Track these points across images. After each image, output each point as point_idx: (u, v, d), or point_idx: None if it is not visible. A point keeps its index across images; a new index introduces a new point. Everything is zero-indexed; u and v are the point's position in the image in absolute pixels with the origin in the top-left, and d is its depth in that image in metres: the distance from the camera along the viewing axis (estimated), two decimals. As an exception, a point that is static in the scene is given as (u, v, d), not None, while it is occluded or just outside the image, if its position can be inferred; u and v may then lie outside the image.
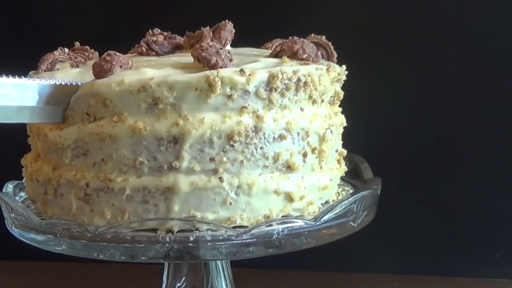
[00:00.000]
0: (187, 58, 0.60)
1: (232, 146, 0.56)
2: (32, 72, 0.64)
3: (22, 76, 0.56)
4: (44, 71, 0.63)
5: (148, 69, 0.57)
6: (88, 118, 0.57)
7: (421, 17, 0.90)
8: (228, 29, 0.64)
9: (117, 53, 0.58)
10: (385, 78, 0.91)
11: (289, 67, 0.58)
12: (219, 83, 0.55)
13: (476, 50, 0.90)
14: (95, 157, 0.57)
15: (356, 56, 0.70)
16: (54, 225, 0.57)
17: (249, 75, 0.56)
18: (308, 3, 0.91)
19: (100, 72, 0.57)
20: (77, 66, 0.65)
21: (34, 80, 0.57)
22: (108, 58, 0.57)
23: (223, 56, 0.56)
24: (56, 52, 0.65)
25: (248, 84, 0.56)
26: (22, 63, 0.64)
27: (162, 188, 0.56)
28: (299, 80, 0.58)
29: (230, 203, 0.56)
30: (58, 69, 0.64)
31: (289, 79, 0.57)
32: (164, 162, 0.56)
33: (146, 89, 0.55)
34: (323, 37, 0.66)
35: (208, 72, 0.55)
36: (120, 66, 0.57)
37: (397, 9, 0.90)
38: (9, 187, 0.67)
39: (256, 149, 0.57)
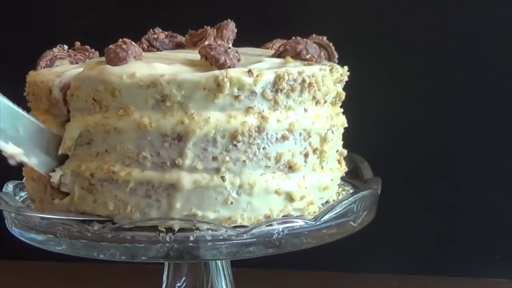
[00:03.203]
0: (192, 55, 0.60)
1: (235, 145, 0.56)
2: (31, 71, 0.64)
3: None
4: (43, 67, 0.63)
5: (159, 64, 0.56)
6: (93, 104, 0.57)
7: (421, 17, 0.90)
8: (230, 28, 0.65)
9: (132, 42, 0.58)
10: (385, 78, 0.91)
11: (294, 68, 0.58)
12: (228, 83, 0.55)
13: (476, 50, 0.90)
14: (98, 147, 0.57)
15: (356, 56, 0.69)
16: (54, 224, 0.57)
17: (257, 76, 0.56)
18: (309, 3, 0.91)
19: (114, 59, 0.56)
20: (77, 63, 0.65)
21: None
22: (124, 46, 0.57)
23: (231, 55, 0.56)
24: (55, 49, 0.65)
25: (255, 85, 0.56)
26: (22, 63, 0.64)
27: (166, 184, 0.56)
28: (303, 81, 0.58)
29: (231, 203, 0.56)
30: (57, 66, 0.64)
31: (294, 80, 0.57)
32: (167, 159, 0.55)
33: (156, 85, 0.55)
34: (324, 38, 0.66)
35: (217, 72, 0.55)
36: (134, 57, 0.57)
37: (397, 9, 0.91)
38: (9, 187, 0.67)
39: (259, 149, 0.56)
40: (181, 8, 0.93)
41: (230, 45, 0.64)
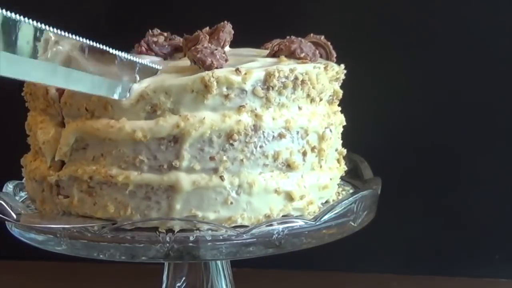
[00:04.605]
0: (183, 62, 0.61)
1: (232, 145, 0.56)
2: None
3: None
4: None
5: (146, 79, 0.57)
6: (86, 114, 0.57)
7: (420, 16, 0.90)
8: (227, 30, 0.64)
9: None
10: (385, 77, 0.91)
11: (286, 65, 0.58)
12: (215, 83, 0.55)
13: (476, 50, 0.90)
14: (94, 151, 0.57)
15: (355, 55, 0.69)
16: (54, 224, 0.57)
17: (245, 74, 0.56)
18: (308, 3, 0.91)
19: None
20: None
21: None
22: None
23: (218, 56, 0.56)
24: None
25: (245, 83, 0.56)
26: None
27: (165, 186, 0.56)
28: (296, 78, 0.58)
29: (231, 203, 0.56)
30: None
31: (286, 77, 0.57)
32: (164, 161, 0.56)
33: (144, 97, 0.55)
34: (322, 37, 0.66)
35: (203, 73, 0.55)
36: None
37: (397, 8, 0.91)
38: (9, 187, 0.67)
39: (256, 148, 0.57)
40: (180, 9, 0.93)
41: (227, 47, 0.64)
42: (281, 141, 0.58)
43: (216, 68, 0.55)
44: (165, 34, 0.69)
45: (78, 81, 0.51)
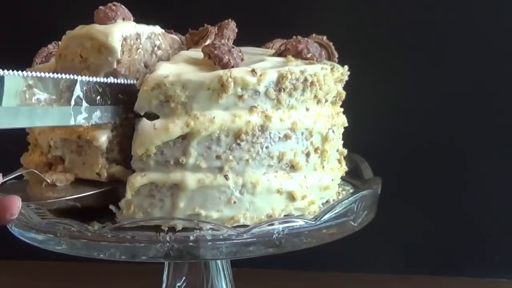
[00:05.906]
0: (195, 53, 0.61)
1: (239, 144, 0.56)
2: (27, 69, 0.64)
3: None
4: (39, 64, 0.64)
5: (164, 63, 0.57)
6: (80, 60, 0.57)
7: (421, 17, 0.90)
8: (231, 27, 0.65)
9: (122, 6, 0.60)
10: (385, 78, 0.91)
11: (296, 67, 0.58)
12: (232, 83, 0.55)
13: (476, 50, 0.90)
14: None
15: (356, 56, 0.69)
16: (55, 224, 0.57)
17: (260, 75, 0.56)
18: (309, 3, 0.91)
19: (103, 18, 0.58)
20: None
21: None
22: (114, 7, 0.59)
23: (235, 55, 0.56)
24: (50, 46, 0.65)
25: (259, 85, 0.56)
26: (21, 61, 0.64)
27: (170, 184, 0.56)
28: (306, 80, 0.58)
29: (235, 202, 0.56)
30: (53, 62, 0.64)
31: (297, 79, 0.57)
32: (171, 157, 0.55)
33: (160, 86, 0.55)
34: (324, 37, 0.66)
35: (221, 72, 0.55)
36: (123, 18, 0.59)
37: (397, 9, 0.91)
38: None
39: (262, 148, 0.57)
40: (181, 8, 0.93)
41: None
42: (287, 142, 0.58)
43: (232, 67, 0.55)
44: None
45: (44, 116, 0.50)
